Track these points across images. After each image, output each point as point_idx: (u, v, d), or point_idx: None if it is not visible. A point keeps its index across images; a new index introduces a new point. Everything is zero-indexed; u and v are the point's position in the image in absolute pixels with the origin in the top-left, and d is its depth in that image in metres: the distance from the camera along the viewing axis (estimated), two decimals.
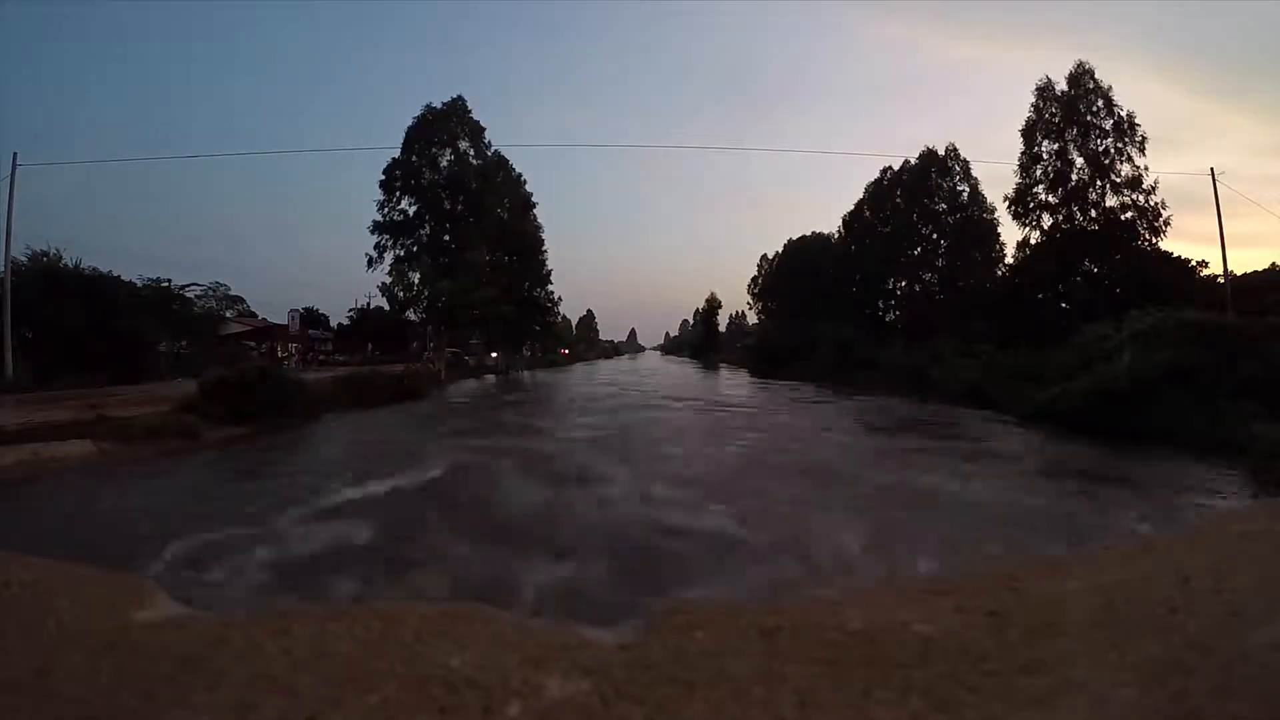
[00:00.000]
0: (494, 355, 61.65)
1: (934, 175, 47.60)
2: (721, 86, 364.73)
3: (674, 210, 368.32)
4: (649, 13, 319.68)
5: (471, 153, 50.24)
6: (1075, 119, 37.43)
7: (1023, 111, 39.39)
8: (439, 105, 49.17)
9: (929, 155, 48.02)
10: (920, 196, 47.67)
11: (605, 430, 19.10)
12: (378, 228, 47.97)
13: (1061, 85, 38.19)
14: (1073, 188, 37.42)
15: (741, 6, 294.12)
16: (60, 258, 32.01)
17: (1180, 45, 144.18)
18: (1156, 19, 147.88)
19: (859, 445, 16.52)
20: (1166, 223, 35.87)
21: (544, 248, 62.00)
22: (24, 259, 30.64)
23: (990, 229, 45.84)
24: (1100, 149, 36.99)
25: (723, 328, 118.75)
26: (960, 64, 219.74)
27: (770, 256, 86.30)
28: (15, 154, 28.14)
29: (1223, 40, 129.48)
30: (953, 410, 24.66)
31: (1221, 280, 33.99)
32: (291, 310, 57.21)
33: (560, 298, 67.14)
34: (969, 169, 47.56)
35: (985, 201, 46.68)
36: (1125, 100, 37.82)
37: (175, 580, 6.49)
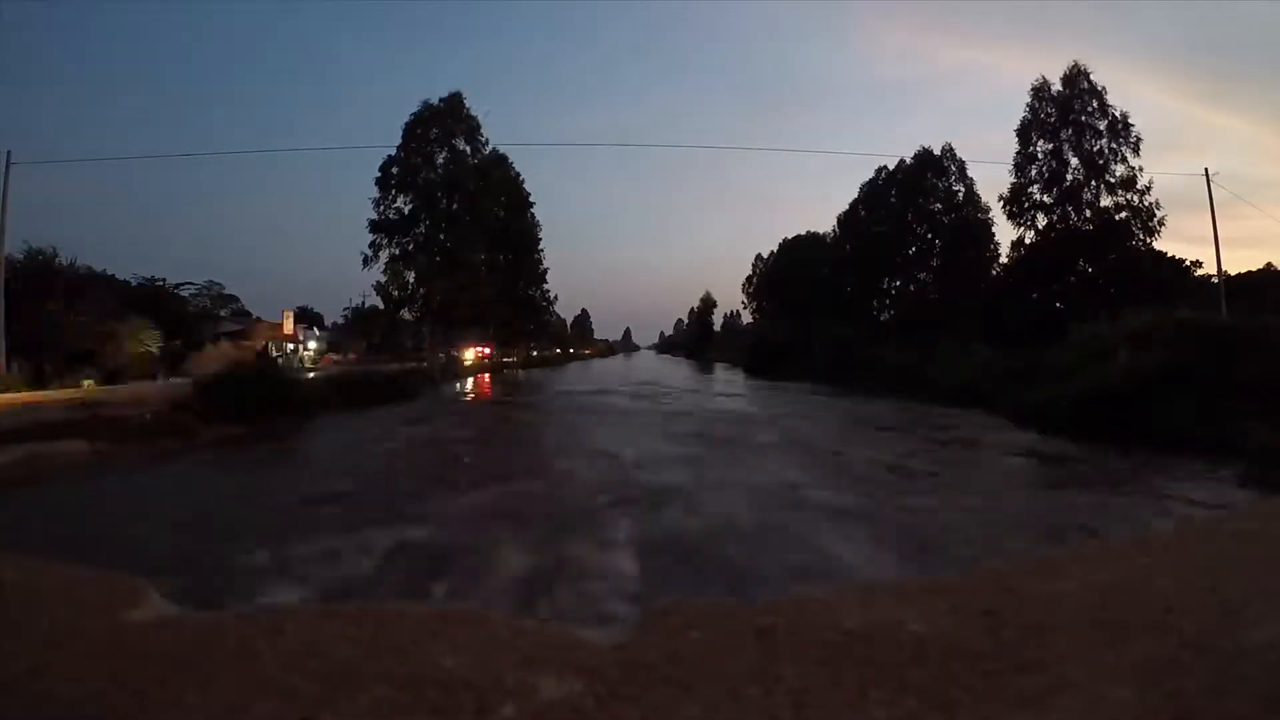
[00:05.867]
0: (488, 354, 61.56)
1: (929, 175, 47.56)
2: (719, 86, 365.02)
3: (669, 209, 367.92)
4: (646, 12, 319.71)
5: (469, 150, 49.95)
6: (1070, 119, 37.46)
7: (1021, 114, 39.40)
8: (436, 102, 48.92)
9: (924, 155, 47.98)
10: (915, 196, 47.63)
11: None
12: (374, 226, 47.70)
13: (1057, 86, 38.23)
14: (1067, 188, 37.45)
15: (739, 7, 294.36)
16: (55, 256, 31.90)
17: (1178, 50, 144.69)
18: (1155, 24, 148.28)
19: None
20: (1161, 223, 35.94)
21: (540, 247, 61.85)
22: (19, 257, 30.50)
23: (985, 229, 45.82)
24: (1095, 149, 37.03)
25: (717, 327, 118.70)
26: (960, 67, 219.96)
27: (765, 256, 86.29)
28: (9, 152, 27.95)
29: (1220, 45, 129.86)
30: (967, 414, 24.63)
31: (1216, 280, 34.08)
32: (285, 309, 57.02)
33: (556, 296, 67.07)
34: (964, 169, 47.56)
35: (980, 201, 46.69)
36: (1123, 104, 37.81)
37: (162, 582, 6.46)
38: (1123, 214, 36.44)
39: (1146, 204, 36.13)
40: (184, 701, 1.15)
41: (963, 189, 47.53)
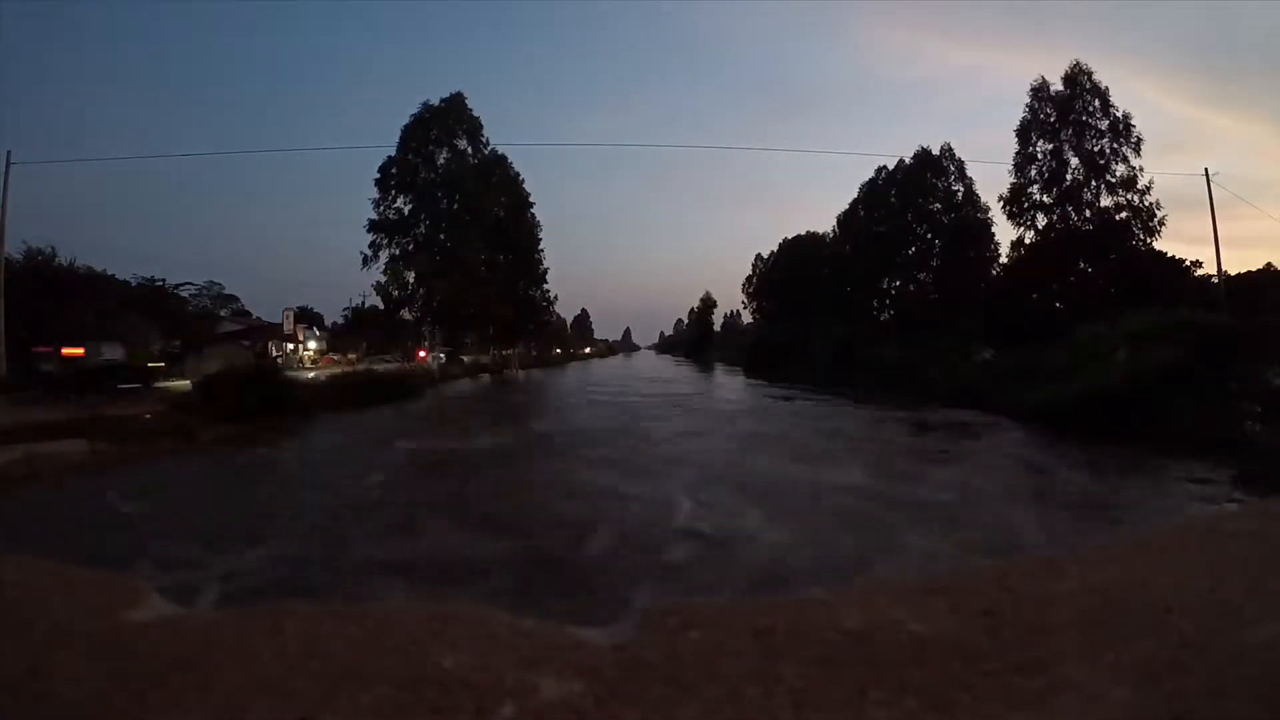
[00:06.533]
0: (494, 354, 61.64)
1: (929, 175, 47.49)
2: (720, 87, 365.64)
3: (670, 209, 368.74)
4: (648, 13, 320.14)
5: (469, 150, 49.85)
6: (1070, 119, 37.37)
7: (1020, 115, 39.29)
8: (437, 102, 48.85)
9: (924, 155, 47.92)
10: (915, 196, 47.57)
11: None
12: (373, 226, 47.66)
13: (1057, 86, 38.16)
14: (1067, 188, 37.37)
15: (742, 9, 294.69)
16: (55, 256, 31.88)
17: (1178, 50, 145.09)
18: (1155, 24, 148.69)
19: None
20: (1161, 223, 35.86)
21: (540, 247, 61.75)
22: (19, 256, 30.48)
23: (985, 229, 45.78)
24: (1095, 149, 36.95)
25: (717, 327, 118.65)
26: (960, 68, 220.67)
27: (765, 256, 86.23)
28: (9, 152, 27.98)
29: (1220, 45, 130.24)
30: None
31: (1216, 280, 34.05)
32: (285, 309, 57.08)
33: (556, 296, 66.93)
34: (964, 169, 47.50)
35: (980, 201, 46.65)
36: (1123, 104, 37.59)
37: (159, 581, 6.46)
38: (1123, 214, 36.37)
39: (1147, 204, 36.08)
40: (183, 701, 1.16)
41: (962, 189, 47.52)
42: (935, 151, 47.87)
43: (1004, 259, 43.30)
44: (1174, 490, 11.79)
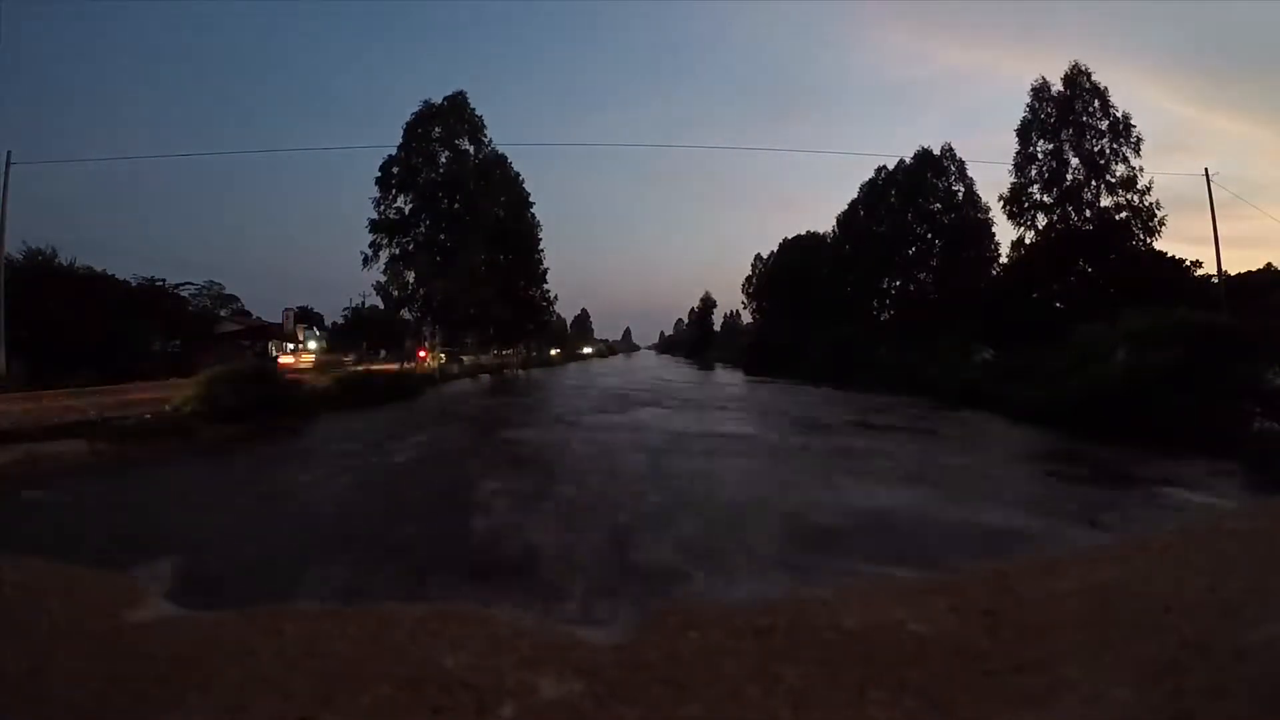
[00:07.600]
0: (494, 353, 61.59)
1: (929, 175, 47.43)
2: (720, 88, 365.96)
3: (670, 209, 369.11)
4: (648, 14, 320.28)
5: (471, 150, 49.70)
6: (1070, 119, 37.36)
7: (1021, 115, 39.28)
8: (440, 101, 48.66)
9: (924, 155, 47.87)
10: (915, 196, 47.49)
11: None
12: (374, 226, 47.53)
13: (1057, 86, 38.17)
14: (1067, 188, 37.34)
15: (742, 9, 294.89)
16: (55, 256, 31.85)
17: (1178, 51, 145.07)
18: (1155, 25, 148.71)
19: None
20: (1161, 223, 35.82)
21: (540, 247, 61.70)
22: (19, 256, 30.45)
23: (985, 229, 45.74)
24: (1095, 149, 36.94)
25: (717, 327, 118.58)
26: (961, 69, 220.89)
27: (765, 256, 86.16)
28: (9, 153, 27.93)
29: (1220, 45, 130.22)
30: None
31: (1216, 280, 34.02)
32: (286, 309, 57.11)
33: (556, 296, 66.84)
34: (964, 169, 47.39)
35: (980, 201, 46.56)
36: (1123, 105, 37.58)
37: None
38: (1123, 214, 36.34)
39: (1147, 204, 36.05)
40: (184, 701, 1.15)
41: (962, 189, 47.43)
42: (935, 151, 47.81)
43: (1004, 259, 43.27)
44: (1173, 489, 11.77)
